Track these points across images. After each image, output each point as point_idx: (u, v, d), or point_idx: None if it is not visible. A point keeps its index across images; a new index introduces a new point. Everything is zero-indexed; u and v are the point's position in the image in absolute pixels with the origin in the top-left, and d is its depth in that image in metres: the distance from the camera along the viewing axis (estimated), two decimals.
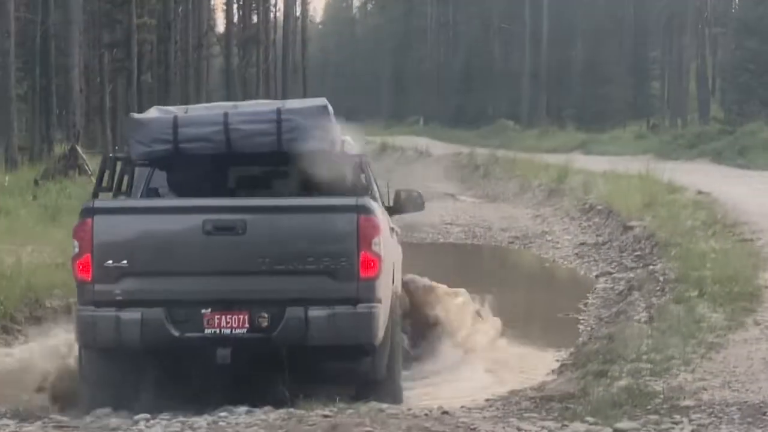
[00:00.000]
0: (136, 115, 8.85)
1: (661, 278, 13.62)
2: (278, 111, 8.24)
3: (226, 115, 8.25)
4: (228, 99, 45.83)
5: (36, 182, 21.17)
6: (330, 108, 8.38)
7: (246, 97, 46.77)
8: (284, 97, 46.27)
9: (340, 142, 8.60)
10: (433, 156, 51.88)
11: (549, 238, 22.68)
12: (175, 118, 8.27)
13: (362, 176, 9.01)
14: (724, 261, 13.66)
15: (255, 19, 49.49)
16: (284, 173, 8.78)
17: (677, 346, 9.32)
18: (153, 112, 8.64)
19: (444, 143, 61.64)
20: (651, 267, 14.88)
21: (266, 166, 8.79)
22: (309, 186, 8.55)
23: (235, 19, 45.89)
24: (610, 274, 17.23)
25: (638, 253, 17.78)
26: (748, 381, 8.20)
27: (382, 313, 7.91)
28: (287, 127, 8.16)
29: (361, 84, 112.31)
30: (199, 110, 8.81)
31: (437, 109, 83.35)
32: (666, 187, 23.70)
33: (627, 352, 9.20)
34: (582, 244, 21.12)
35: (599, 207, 23.54)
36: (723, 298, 11.37)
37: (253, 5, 47.63)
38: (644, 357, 8.99)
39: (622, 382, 8.20)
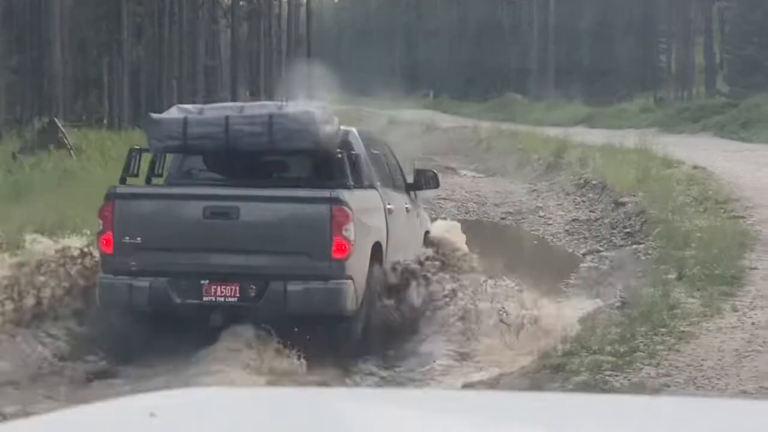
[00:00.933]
0: (154, 115, 10.40)
1: (644, 258, 13.02)
2: (270, 116, 9.64)
3: (227, 118, 9.69)
4: (232, 72, 46.11)
5: (14, 156, 20.64)
6: (316, 113, 9.68)
7: (251, 69, 46.31)
8: (287, 72, 45.80)
9: (330, 138, 9.82)
10: (439, 129, 51.45)
11: (542, 213, 22.06)
12: (185, 119, 9.74)
13: (354, 164, 10.17)
14: (710, 240, 13.08)
15: None
16: (274, 168, 10.34)
17: (645, 336, 8.75)
18: (173, 111, 10.17)
19: (452, 116, 61.38)
20: (635, 246, 14.25)
21: (259, 161, 10.19)
22: (298, 176, 10.16)
23: None
24: (598, 252, 16.64)
25: (628, 230, 17.18)
26: (715, 376, 7.62)
27: (352, 288, 9.28)
28: (277, 129, 9.55)
29: (376, 58, 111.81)
30: (210, 111, 10.09)
31: (447, 83, 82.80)
32: (662, 161, 23.12)
33: (591, 343, 8.61)
34: (574, 220, 20.50)
35: (594, 182, 22.90)
36: (703, 281, 10.81)
37: None
38: (608, 348, 8.39)
39: (580, 378, 7.62)
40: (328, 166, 9.97)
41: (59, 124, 21.13)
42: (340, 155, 9.86)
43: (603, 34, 62.19)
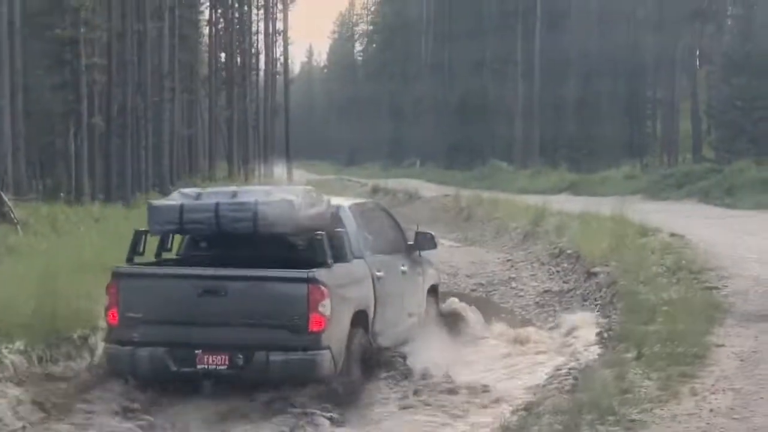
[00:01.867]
0: (154, 202, 11.51)
1: (606, 334, 12.14)
2: (256, 203, 10.66)
3: (217, 204, 10.78)
4: (209, 142, 45.59)
5: None
6: (296, 199, 10.73)
7: (229, 139, 45.61)
8: (266, 141, 45.29)
9: (314, 219, 10.92)
10: (422, 198, 50.90)
11: (514, 285, 21.19)
12: (182, 205, 10.88)
13: (337, 241, 11.25)
14: (677, 314, 12.22)
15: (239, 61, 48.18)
16: (260, 249, 11.17)
17: (591, 426, 7.85)
18: (174, 197, 11.30)
19: (437, 185, 60.85)
20: (602, 321, 13.39)
21: (246, 243, 11.13)
22: (282, 257, 11.01)
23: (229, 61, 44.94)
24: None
25: (600, 302, 16.37)
26: None
27: (328, 357, 10.33)
28: (261, 215, 10.58)
29: (364, 126, 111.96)
30: (206, 196, 11.13)
31: (433, 151, 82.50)
32: (639, 229, 22.31)
33: None
34: (546, 291, 19.63)
35: (569, 251, 22.11)
36: (663, 360, 9.94)
37: (236, 48, 46.20)
38: None
39: None
40: (309, 247, 10.91)
41: (4, 198, 20.30)
42: (319, 236, 10.72)
43: (588, 101, 61.74)
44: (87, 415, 9.94)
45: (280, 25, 50.36)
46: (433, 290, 14.24)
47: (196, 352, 10.36)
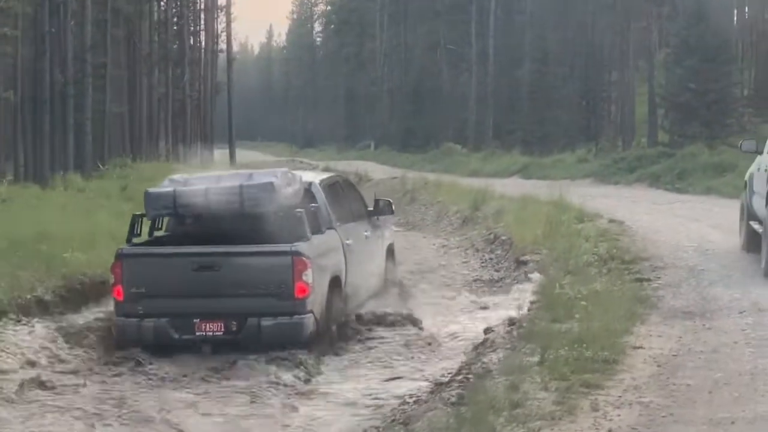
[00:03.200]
0: (150, 189, 12.50)
1: (515, 333, 10.87)
2: (241, 186, 11.92)
3: (207, 189, 11.97)
4: (149, 119, 43.97)
5: None
6: (275, 180, 11.94)
7: (165, 119, 43.99)
8: (204, 121, 43.74)
9: (291, 196, 12.19)
10: (372, 181, 49.69)
11: (444, 273, 19.88)
12: (174, 191, 12.06)
13: (313, 215, 12.43)
14: (596, 310, 10.98)
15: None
16: (249, 225, 12.08)
17: None
18: (165, 184, 12.42)
19: (389, 167, 59.94)
20: (515, 316, 12.09)
21: (234, 221, 12.22)
22: (265, 232, 11.93)
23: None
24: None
25: (522, 294, 15.06)
26: None
27: (312, 320, 11.63)
28: (247, 196, 11.83)
29: (321, 108, 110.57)
30: (194, 181, 12.34)
31: (388, 133, 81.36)
32: (578, 214, 21.15)
33: None
34: (476, 280, 18.34)
35: (503, 237, 20.89)
36: (568, 365, 8.66)
37: (176, 24, 44.50)
38: None
39: None
40: (289, 223, 11.97)
41: None
42: (299, 213, 12.01)
43: (544, 84, 60.23)
44: None
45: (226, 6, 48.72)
46: (390, 249, 15.90)
47: (195, 321, 11.64)
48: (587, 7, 61.17)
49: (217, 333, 11.63)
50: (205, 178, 12.63)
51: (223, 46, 46.84)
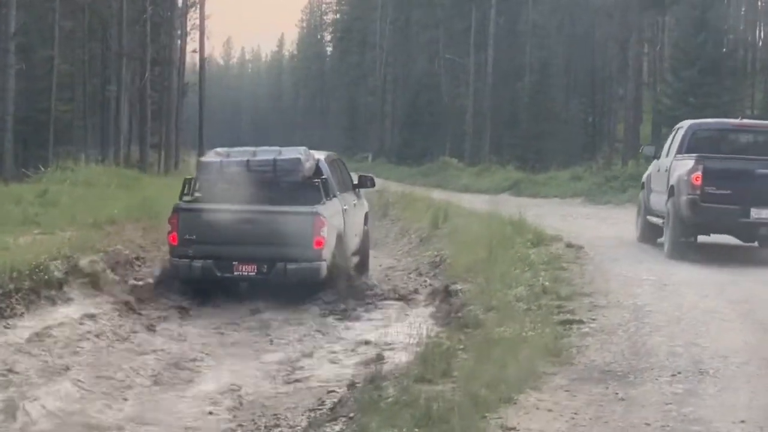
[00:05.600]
0: (202, 158, 17.40)
1: (361, 398, 8.19)
2: (275, 160, 15.35)
3: (248, 161, 15.34)
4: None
5: None
6: (302, 156, 15.40)
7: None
8: (167, 122, 41.25)
9: (311, 167, 15.60)
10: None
11: None
12: (221, 162, 15.41)
13: (319, 180, 15.49)
14: (486, 366, 8.38)
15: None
16: (278, 190, 15.27)
17: None
18: (211, 155, 16.11)
19: (382, 180, 57.17)
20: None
21: (269, 186, 15.29)
22: (292, 196, 15.07)
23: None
24: None
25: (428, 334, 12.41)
26: None
27: (325, 265, 14.61)
28: (279, 168, 15.30)
29: (328, 117, 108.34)
30: (235, 154, 15.72)
31: (386, 145, 79.04)
32: (535, 237, 18.58)
33: None
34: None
35: (448, 261, 18.36)
36: None
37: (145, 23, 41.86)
38: None
39: None
40: (311, 190, 15.09)
41: None
42: (316, 182, 15.22)
43: (543, 97, 57.61)
44: None
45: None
46: (366, 216, 18.90)
47: (234, 263, 14.42)
48: (589, 19, 58.52)
49: (251, 273, 14.55)
50: (244, 152, 15.77)
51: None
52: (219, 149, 16.13)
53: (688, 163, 17.05)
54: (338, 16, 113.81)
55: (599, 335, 10.46)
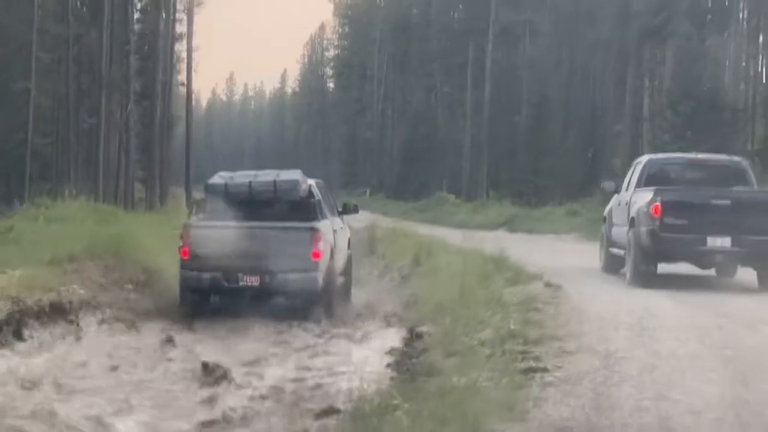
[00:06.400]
0: (210, 180, 17.95)
1: None
2: (275, 181, 17.25)
3: (250, 183, 17.34)
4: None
5: None
6: (299, 178, 17.49)
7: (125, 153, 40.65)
8: (150, 157, 40.44)
9: (306, 188, 17.58)
10: (349, 228, 46.52)
11: None
12: (226, 183, 17.40)
13: (315, 200, 17.61)
14: (422, 425, 7.39)
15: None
16: (278, 209, 17.20)
17: None
18: (216, 178, 17.77)
19: (378, 215, 56.73)
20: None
21: (270, 205, 17.26)
22: (291, 213, 17.00)
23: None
24: None
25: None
26: None
27: (322, 276, 16.38)
28: (279, 188, 17.21)
29: (330, 154, 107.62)
30: (238, 177, 17.74)
31: (384, 180, 78.27)
32: (513, 275, 17.69)
33: None
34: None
35: (422, 301, 17.41)
36: None
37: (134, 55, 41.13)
38: None
39: None
40: (307, 208, 17.19)
41: None
42: (312, 202, 17.31)
43: (541, 131, 56.68)
44: None
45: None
46: (349, 241, 20.26)
47: (240, 274, 16.08)
48: (587, 52, 57.70)
49: (255, 284, 16.19)
50: (246, 175, 17.87)
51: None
52: (222, 173, 18.06)
53: (647, 195, 17.92)
54: (339, 51, 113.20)
55: (562, 386, 9.46)
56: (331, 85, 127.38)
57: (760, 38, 59.49)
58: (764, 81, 60.58)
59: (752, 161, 46.36)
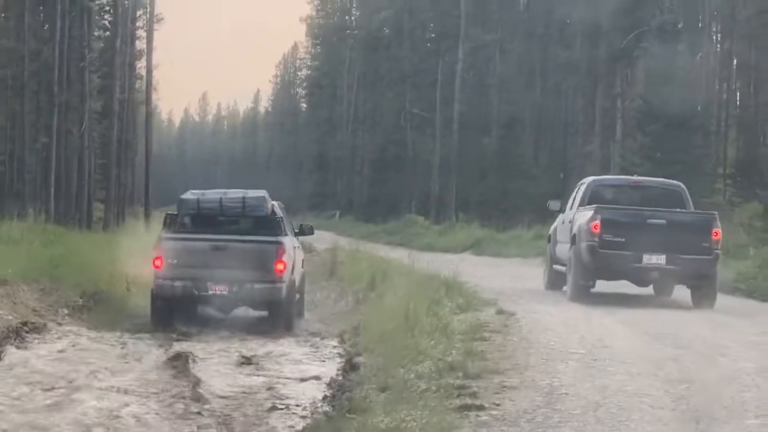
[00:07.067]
0: (183, 196, 18.85)
1: None
2: (243, 198, 18.35)
3: (221, 198, 18.36)
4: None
5: None
6: (266, 196, 18.62)
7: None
8: (107, 175, 39.38)
9: (270, 207, 18.61)
10: (314, 251, 46.00)
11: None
12: (198, 199, 18.44)
13: (279, 217, 18.73)
14: None
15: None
16: (246, 224, 18.59)
17: None
18: (189, 194, 18.76)
19: (345, 238, 55.85)
20: None
21: (238, 220, 18.68)
22: (257, 229, 18.24)
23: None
24: None
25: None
26: None
27: (285, 287, 17.53)
28: (247, 204, 18.29)
29: (302, 175, 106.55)
30: (209, 194, 18.77)
31: (354, 202, 77.30)
32: (466, 301, 16.90)
33: None
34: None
35: (367, 328, 16.49)
36: None
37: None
38: None
39: None
40: (272, 224, 18.35)
41: None
42: (277, 219, 18.53)
43: (511, 152, 55.88)
44: None
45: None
46: (302, 261, 20.84)
47: (209, 283, 17.29)
48: (559, 73, 57.04)
49: (223, 292, 17.31)
50: (216, 192, 18.90)
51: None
52: (194, 190, 19.12)
53: (588, 213, 19.00)
54: (310, 71, 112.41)
55: (496, 426, 8.60)
56: (303, 105, 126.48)
57: (734, 62, 59.06)
58: (738, 103, 60.18)
59: (724, 185, 45.89)
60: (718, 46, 60.64)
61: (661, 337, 13.76)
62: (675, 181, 21.55)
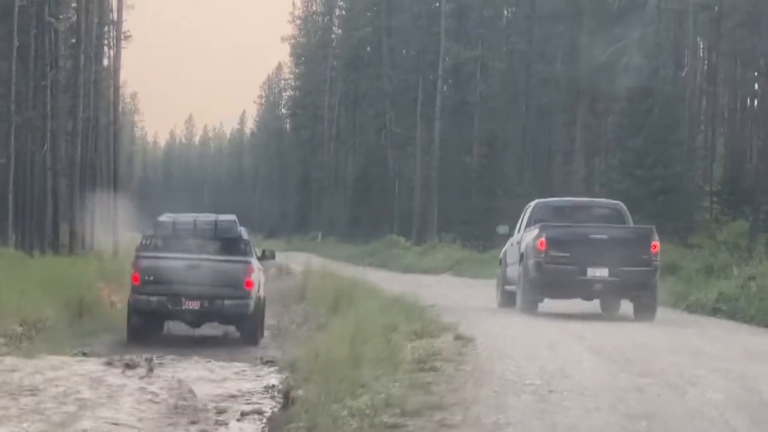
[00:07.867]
0: (159, 218, 20.95)
1: None
2: (215, 221, 20.68)
3: (195, 221, 20.65)
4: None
5: None
6: (236, 220, 21.04)
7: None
8: (72, 197, 38.19)
9: (239, 232, 20.78)
10: (291, 274, 45.55)
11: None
12: (174, 221, 20.62)
13: (246, 240, 20.91)
14: None
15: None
16: (218, 245, 20.57)
17: None
18: (165, 217, 20.92)
19: (325, 259, 54.99)
20: None
21: (210, 241, 20.60)
22: (228, 249, 20.40)
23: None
24: None
25: None
26: None
27: (253, 303, 19.63)
28: (219, 227, 20.59)
29: (286, 196, 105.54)
30: (183, 217, 21.01)
31: (336, 223, 76.28)
32: (423, 326, 15.84)
33: None
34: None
35: (316, 356, 15.39)
36: None
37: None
38: None
39: None
40: (242, 246, 20.50)
41: None
42: (246, 240, 20.67)
43: (492, 171, 54.85)
44: None
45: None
46: (263, 284, 21.88)
47: (183, 299, 19.38)
48: (540, 90, 56.07)
49: (196, 307, 19.43)
50: (189, 215, 21.21)
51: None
52: (169, 213, 21.09)
53: (534, 231, 20.19)
54: (293, 92, 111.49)
55: None
56: (288, 125, 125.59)
57: (719, 75, 58.13)
58: (726, 117, 59.27)
59: (710, 202, 44.83)
60: (706, 62, 59.84)
61: (631, 364, 12.67)
62: (615, 201, 22.90)
